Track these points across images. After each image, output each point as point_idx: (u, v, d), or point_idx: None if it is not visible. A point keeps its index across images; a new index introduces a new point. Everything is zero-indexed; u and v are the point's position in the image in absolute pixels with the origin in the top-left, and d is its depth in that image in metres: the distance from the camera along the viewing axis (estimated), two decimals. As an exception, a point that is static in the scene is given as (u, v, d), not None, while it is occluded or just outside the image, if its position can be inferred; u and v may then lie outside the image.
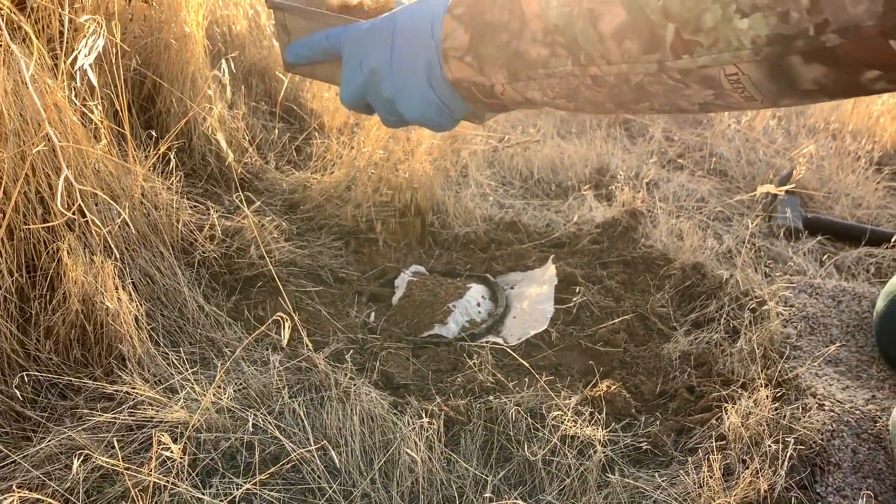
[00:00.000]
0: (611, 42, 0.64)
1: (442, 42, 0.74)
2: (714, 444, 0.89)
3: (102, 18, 0.75)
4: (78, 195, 0.73)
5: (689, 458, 0.90)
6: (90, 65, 0.74)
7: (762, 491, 0.83)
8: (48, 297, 0.94)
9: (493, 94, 0.75)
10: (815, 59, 0.54)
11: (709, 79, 0.61)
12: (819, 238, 1.51)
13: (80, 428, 0.86)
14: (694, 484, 0.84)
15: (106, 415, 0.86)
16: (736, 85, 0.60)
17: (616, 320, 1.18)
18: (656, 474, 0.88)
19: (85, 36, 0.72)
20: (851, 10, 0.50)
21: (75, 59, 0.72)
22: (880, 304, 1.16)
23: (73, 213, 0.88)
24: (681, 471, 0.88)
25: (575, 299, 1.21)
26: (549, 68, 0.70)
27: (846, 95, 0.57)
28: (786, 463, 0.86)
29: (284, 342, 0.78)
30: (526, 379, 1.03)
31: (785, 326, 1.17)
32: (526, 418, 0.93)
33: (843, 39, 0.51)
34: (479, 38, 0.72)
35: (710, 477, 0.83)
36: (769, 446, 0.88)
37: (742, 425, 0.91)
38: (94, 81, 0.79)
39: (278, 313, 0.78)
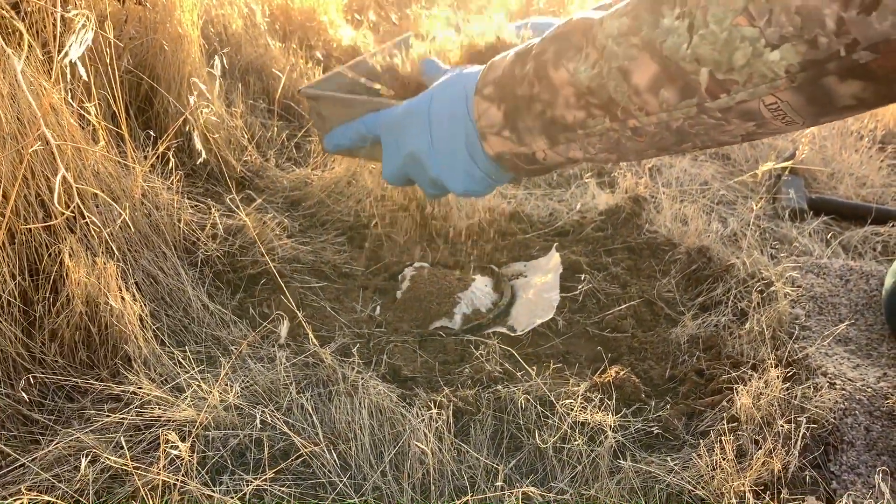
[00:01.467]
0: (647, 95, 0.65)
1: (477, 121, 0.77)
2: (726, 426, 0.88)
3: (92, 13, 0.74)
4: (76, 194, 0.72)
5: (702, 441, 0.89)
6: (80, 59, 0.73)
7: (776, 471, 0.82)
8: (51, 299, 0.94)
9: (535, 160, 0.77)
10: (851, 76, 0.54)
11: (749, 112, 0.61)
12: (824, 218, 1.50)
13: (87, 429, 0.85)
14: (707, 467, 0.84)
15: (114, 415, 0.86)
16: (776, 113, 0.60)
17: (623, 306, 1.17)
18: (668, 458, 0.88)
19: (74, 31, 0.72)
20: (878, 26, 0.50)
21: (66, 54, 0.72)
22: (889, 281, 1.15)
23: (73, 214, 0.87)
24: (693, 454, 0.87)
25: (580, 287, 1.21)
26: (587, 128, 0.71)
27: (886, 103, 0.57)
28: (799, 442, 0.85)
29: (282, 339, 0.77)
30: (534, 368, 1.02)
31: (793, 307, 1.17)
32: (535, 406, 0.93)
33: (875, 55, 0.51)
34: (513, 112, 0.74)
35: (724, 459, 0.83)
36: (781, 426, 0.87)
37: (753, 406, 0.90)
38: (84, 75, 0.79)
39: (277, 311, 0.78)
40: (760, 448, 0.85)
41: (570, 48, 0.69)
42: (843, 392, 0.96)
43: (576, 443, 0.88)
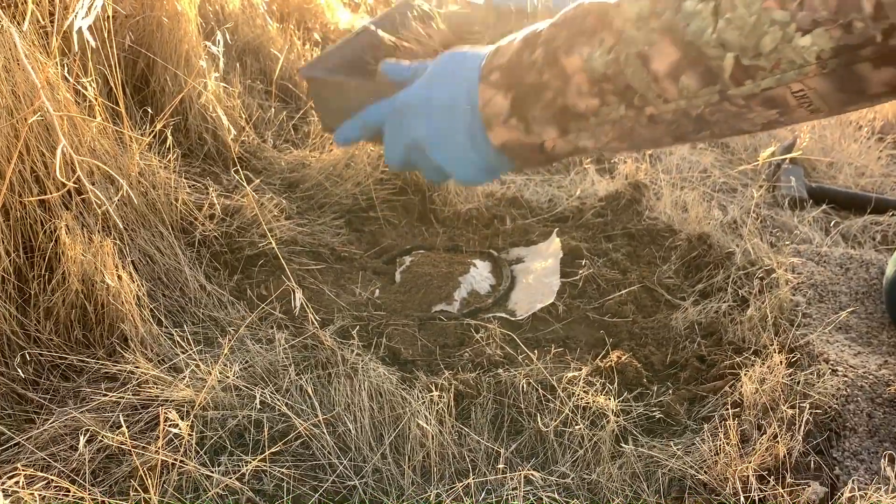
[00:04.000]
0: (666, 81, 0.62)
1: (482, 109, 0.74)
2: (729, 411, 0.88)
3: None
4: (77, 165, 0.71)
5: (705, 426, 0.89)
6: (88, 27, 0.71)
7: (780, 456, 0.82)
8: (47, 277, 0.92)
9: (543, 150, 0.74)
10: (886, 62, 0.52)
11: (773, 99, 0.60)
12: (824, 207, 1.50)
13: (84, 408, 0.84)
14: (710, 451, 0.83)
15: (111, 394, 0.85)
16: (802, 100, 0.59)
17: (623, 292, 1.16)
18: (671, 443, 0.87)
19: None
20: None
21: (72, 23, 0.70)
22: (890, 269, 1.15)
23: (71, 190, 0.86)
24: (696, 439, 0.87)
25: (581, 272, 1.20)
26: (600, 116, 0.69)
27: None
28: (802, 428, 0.85)
29: (296, 311, 0.76)
30: (535, 352, 1.01)
31: (794, 295, 1.16)
32: (536, 390, 0.92)
33: None
34: (521, 100, 0.71)
35: (727, 444, 0.82)
36: (785, 412, 0.87)
37: (758, 391, 0.90)
38: (93, 42, 0.77)
39: (287, 284, 0.76)
40: (764, 433, 0.84)
41: (583, 33, 0.67)
42: (846, 379, 0.96)
43: (577, 427, 0.87)
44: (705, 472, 0.82)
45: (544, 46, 0.69)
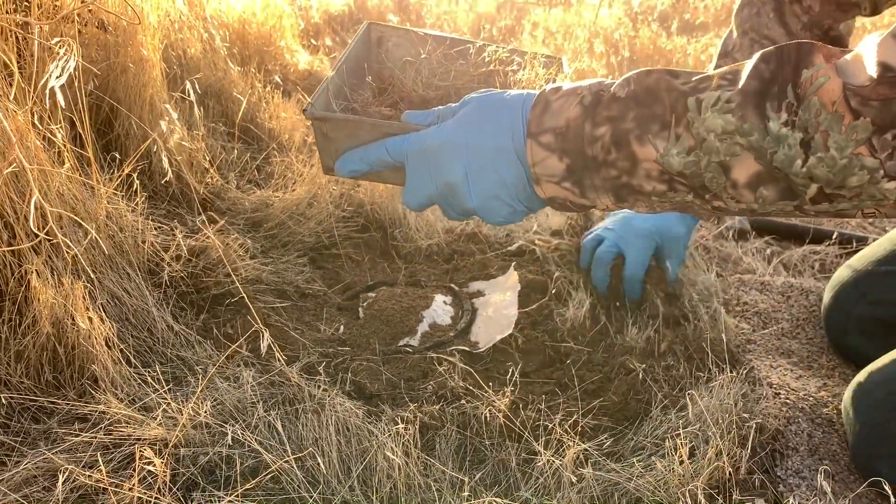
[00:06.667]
0: (744, 189, 0.65)
1: (531, 167, 0.75)
2: (681, 431, 0.93)
3: (75, 41, 0.76)
4: (49, 216, 0.73)
5: (659, 447, 0.93)
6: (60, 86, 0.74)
7: (728, 473, 0.87)
8: (17, 321, 0.94)
9: (591, 207, 0.76)
10: None
11: (842, 214, 0.64)
12: (766, 238, 1.58)
13: (56, 450, 0.85)
14: (664, 470, 0.88)
15: (83, 434, 0.86)
16: (868, 217, 0.63)
17: (576, 321, 1.21)
18: (628, 464, 0.92)
19: (56, 58, 0.73)
20: None
21: (46, 81, 0.73)
22: (826, 296, 1.22)
23: (44, 235, 0.88)
24: (652, 458, 0.91)
25: (536, 304, 1.25)
26: (664, 198, 0.70)
27: None
28: (748, 447, 0.90)
29: (263, 351, 0.79)
30: (496, 383, 1.05)
31: (739, 322, 1.23)
32: (498, 419, 0.96)
33: None
34: (580, 169, 0.72)
35: (680, 463, 0.87)
36: (731, 432, 0.92)
37: (705, 411, 0.95)
38: (63, 103, 0.80)
39: (255, 326, 0.79)
40: (713, 452, 0.89)
41: (655, 121, 0.67)
42: (788, 401, 1.02)
43: (539, 456, 0.91)
44: (662, 492, 0.87)
45: (611, 125, 0.69)
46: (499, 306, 1.24)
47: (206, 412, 0.90)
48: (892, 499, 0.79)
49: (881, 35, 0.58)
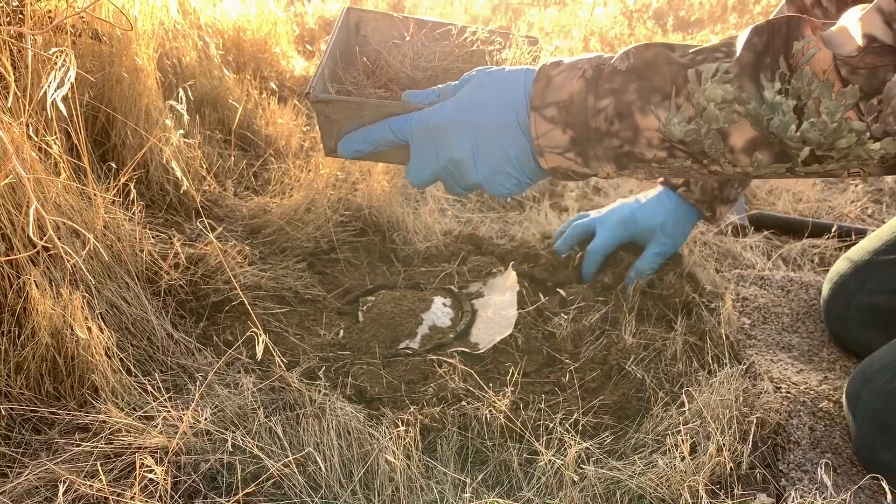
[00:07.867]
0: (741, 154, 0.69)
1: (535, 139, 0.78)
2: (681, 427, 0.93)
3: (72, 51, 0.76)
4: (48, 225, 0.74)
5: (661, 443, 0.93)
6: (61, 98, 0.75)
7: (729, 469, 0.87)
8: (16, 332, 0.94)
9: (592, 175, 0.80)
10: None
11: (830, 174, 0.68)
12: (765, 233, 1.57)
13: (57, 460, 0.85)
14: (666, 467, 0.88)
15: (84, 444, 0.86)
16: (852, 175, 0.67)
17: (576, 322, 1.21)
18: (630, 462, 0.92)
19: (54, 69, 0.73)
20: None
21: (44, 93, 0.74)
22: (825, 288, 1.22)
23: (43, 245, 0.88)
24: (654, 454, 0.91)
25: (536, 304, 1.25)
26: (664, 164, 0.74)
27: None
28: (749, 442, 0.90)
29: (259, 356, 0.79)
30: (496, 383, 1.05)
31: (739, 317, 1.22)
32: (499, 420, 0.96)
33: None
34: (583, 140, 0.76)
35: (681, 460, 0.87)
36: (732, 428, 0.92)
37: (706, 407, 0.95)
38: (65, 112, 0.80)
39: (252, 330, 0.80)
40: (713, 447, 0.89)
41: (656, 92, 0.71)
42: (789, 395, 1.02)
43: (540, 456, 0.91)
44: (664, 488, 0.87)
45: (614, 97, 0.73)
46: (498, 307, 1.24)
47: (206, 419, 0.90)
48: (889, 497, 0.80)
49: (863, 9, 0.62)
